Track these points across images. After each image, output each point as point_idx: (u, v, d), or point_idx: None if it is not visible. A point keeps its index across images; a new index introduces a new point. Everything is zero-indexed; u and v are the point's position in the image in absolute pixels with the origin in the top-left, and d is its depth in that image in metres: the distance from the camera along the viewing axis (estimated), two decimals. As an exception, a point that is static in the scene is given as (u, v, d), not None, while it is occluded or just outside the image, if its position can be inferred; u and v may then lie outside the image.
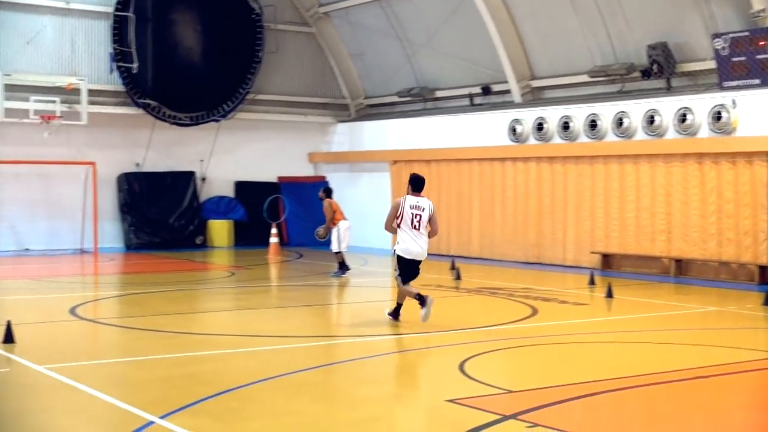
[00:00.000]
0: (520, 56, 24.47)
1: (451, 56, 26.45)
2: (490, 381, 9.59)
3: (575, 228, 22.74)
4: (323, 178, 30.74)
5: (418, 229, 13.15)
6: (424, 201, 13.29)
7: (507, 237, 24.40)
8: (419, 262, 13.38)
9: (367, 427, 7.99)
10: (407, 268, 13.31)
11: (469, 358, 10.73)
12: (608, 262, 21.99)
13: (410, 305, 13.57)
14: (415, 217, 13.12)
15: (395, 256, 13.46)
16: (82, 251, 26.31)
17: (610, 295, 16.65)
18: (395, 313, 13.64)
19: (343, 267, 20.35)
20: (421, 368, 10.68)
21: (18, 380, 9.83)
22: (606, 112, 22.07)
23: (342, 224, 20.29)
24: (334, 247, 20.25)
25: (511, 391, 9.25)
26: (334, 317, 15.28)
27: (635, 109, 21.48)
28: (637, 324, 14.16)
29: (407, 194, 13.42)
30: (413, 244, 13.17)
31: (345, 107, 30.87)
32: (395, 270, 13.62)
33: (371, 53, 29.05)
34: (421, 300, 13.14)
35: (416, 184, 13.42)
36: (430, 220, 13.22)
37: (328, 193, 20.60)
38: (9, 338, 11.53)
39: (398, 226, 13.23)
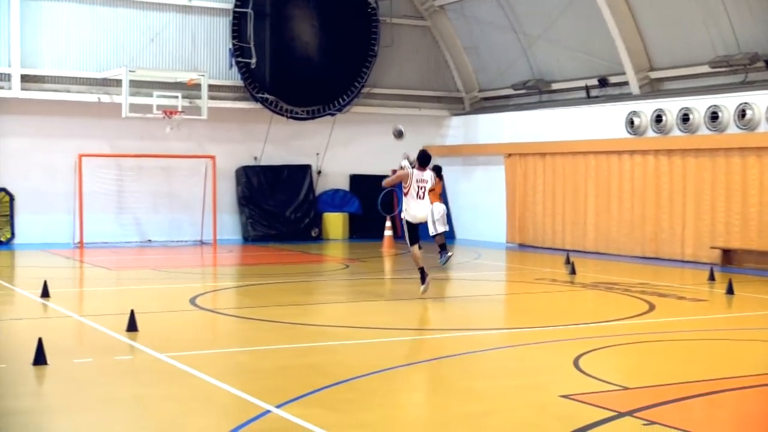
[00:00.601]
0: (639, 47, 24.02)
1: (568, 48, 26.14)
2: (605, 377, 9.47)
3: (694, 222, 22.21)
4: (437, 171, 30.74)
5: (423, 198, 15.35)
6: (428, 173, 15.47)
7: (623, 231, 24.00)
8: (420, 224, 15.56)
9: (480, 420, 7.99)
10: (413, 231, 15.43)
11: (583, 354, 10.62)
12: (729, 257, 21.41)
13: (528, 301, 13.48)
14: (420, 189, 15.33)
15: (404, 221, 15.56)
16: (202, 243, 26.95)
17: (730, 291, 16.22)
18: (423, 277, 15.33)
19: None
20: (535, 363, 10.61)
21: (140, 367, 10.14)
22: (728, 103, 21.48)
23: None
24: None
25: (626, 388, 9.12)
26: (446, 310, 15.29)
27: (759, 101, 20.83)
28: (759, 321, 13.77)
29: (414, 168, 15.35)
30: (418, 210, 15.37)
31: (459, 100, 30.82)
32: (407, 237, 15.48)
33: (486, 46, 28.92)
34: (423, 275, 15.30)
35: (424, 160, 15.48)
36: (432, 189, 15.47)
37: (437, 171, 19.03)
38: (132, 327, 11.91)
39: (405, 194, 15.36)
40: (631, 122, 23.65)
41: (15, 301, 15.42)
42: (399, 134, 16.49)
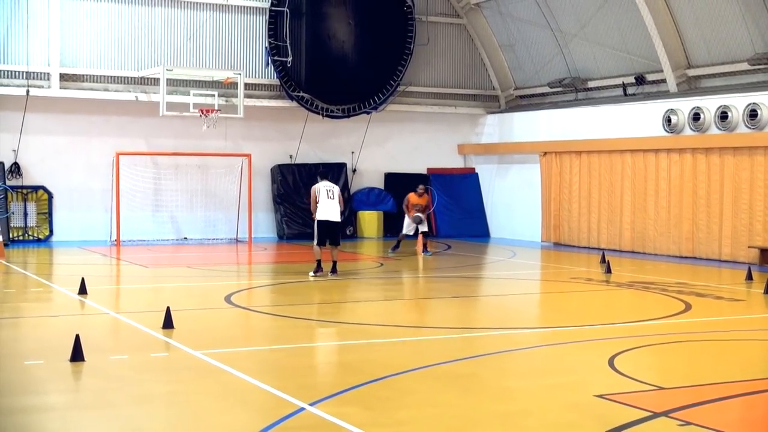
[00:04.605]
0: (676, 44, 23.82)
1: (604, 45, 25.98)
2: (640, 377, 9.42)
3: (732, 221, 22.00)
4: (473, 169, 30.70)
5: (333, 199, 18.15)
6: (331, 184, 18.62)
7: (660, 230, 23.81)
8: (336, 224, 18.28)
9: (515, 420, 7.97)
10: (326, 231, 18.15)
11: (619, 353, 10.56)
12: (767, 257, 21.19)
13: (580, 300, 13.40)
14: (329, 193, 18.20)
15: (316, 223, 18.19)
16: (237, 241, 27.07)
17: (769, 291, 16.06)
18: (318, 269, 18.03)
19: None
20: (570, 362, 10.56)
21: (175, 364, 10.22)
22: (767, 101, 21.25)
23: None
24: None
25: (662, 388, 9.06)
26: (481, 309, 15.26)
27: (798, 98, 20.60)
28: (798, 322, 13.62)
29: (319, 182, 18.49)
30: (331, 213, 18.10)
31: (495, 98, 30.73)
32: (315, 236, 18.20)
33: (522, 44, 28.82)
34: (318, 266, 18.08)
35: (323, 175, 19.04)
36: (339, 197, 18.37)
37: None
38: (168, 324, 12.00)
39: (318, 201, 18.13)
40: (669, 120, 23.46)
41: (53, 298, 15.60)
42: (418, 221, 23.13)
